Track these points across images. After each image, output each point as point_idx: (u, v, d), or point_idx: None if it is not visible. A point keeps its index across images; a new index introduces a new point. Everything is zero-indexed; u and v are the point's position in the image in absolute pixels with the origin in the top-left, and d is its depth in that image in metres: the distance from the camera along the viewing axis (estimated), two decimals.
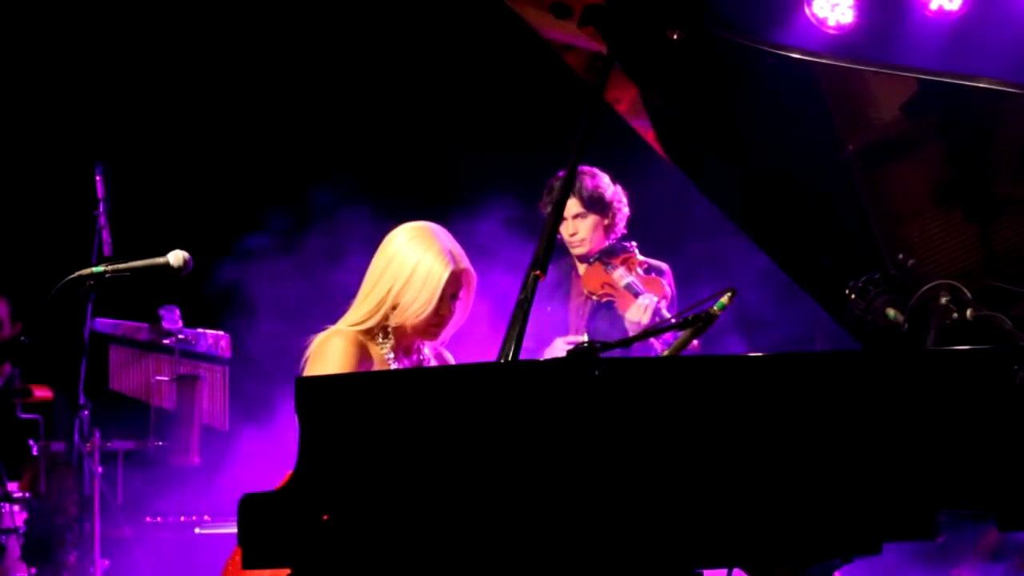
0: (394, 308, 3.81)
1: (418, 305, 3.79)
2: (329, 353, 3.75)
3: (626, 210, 5.62)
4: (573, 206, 5.52)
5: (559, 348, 5.40)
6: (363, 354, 3.79)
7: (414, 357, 3.91)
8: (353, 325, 3.83)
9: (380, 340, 3.84)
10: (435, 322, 3.83)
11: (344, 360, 3.73)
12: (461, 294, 3.84)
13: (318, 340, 3.82)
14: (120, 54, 7.58)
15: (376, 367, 3.79)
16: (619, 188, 5.62)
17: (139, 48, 7.60)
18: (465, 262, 3.85)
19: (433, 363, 3.95)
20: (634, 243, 5.62)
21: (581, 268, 5.64)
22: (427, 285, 3.78)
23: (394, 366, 3.82)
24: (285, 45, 7.68)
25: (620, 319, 5.44)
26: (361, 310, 3.84)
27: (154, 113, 7.61)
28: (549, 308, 5.63)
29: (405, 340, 3.87)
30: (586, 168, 5.55)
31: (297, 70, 7.71)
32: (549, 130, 5.64)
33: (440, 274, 3.78)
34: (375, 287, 3.83)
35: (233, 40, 7.66)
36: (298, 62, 7.70)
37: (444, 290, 3.79)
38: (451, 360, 4.04)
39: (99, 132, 7.31)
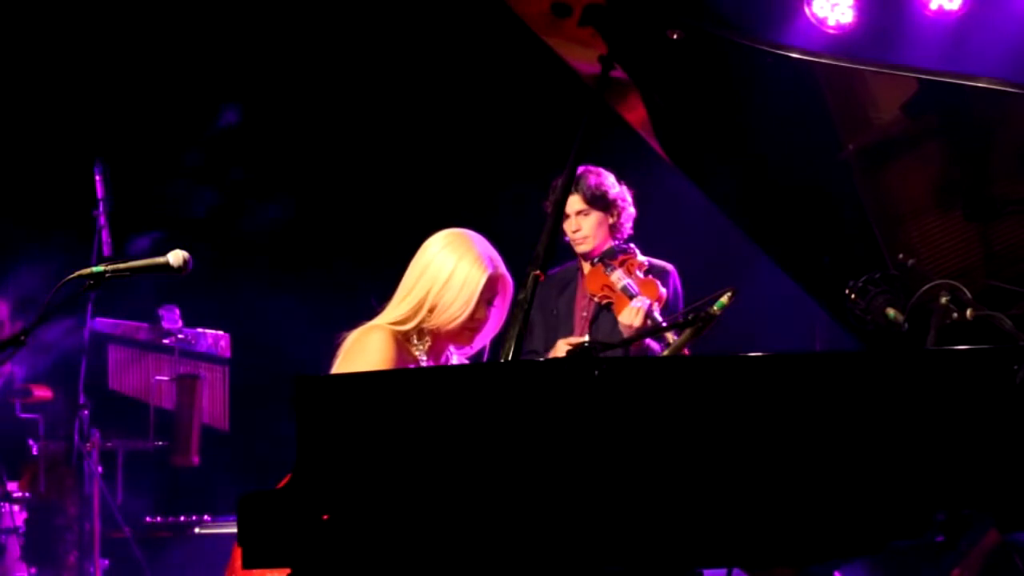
0: (431, 311, 3.81)
1: (455, 308, 3.80)
2: (370, 346, 3.76)
3: (632, 210, 5.60)
4: (576, 202, 5.51)
5: (561, 350, 5.38)
6: (402, 351, 3.80)
7: (443, 362, 3.91)
8: (392, 324, 3.84)
9: (415, 341, 3.85)
10: (470, 327, 3.84)
11: (385, 354, 3.74)
12: (496, 300, 3.85)
13: (356, 334, 3.81)
14: (120, 53, 7.57)
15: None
16: (625, 188, 5.60)
17: (139, 47, 7.60)
18: (502, 268, 3.87)
19: None
20: (633, 244, 5.60)
21: (586, 269, 5.63)
22: (465, 288, 3.80)
23: None
24: (285, 45, 7.68)
25: None
26: (399, 310, 3.84)
27: (154, 112, 7.61)
28: (555, 311, 5.62)
29: (438, 344, 3.88)
30: (591, 167, 5.55)
31: (296, 69, 7.71)
32: (548, 130, 5.63)
33: (479, 278, 3.80)
34: (413, 288, 3.84)
35: (233, 39, 7.66)
36: (298, 61, 7.70)
37: (481, 294, 3.80)
38: None
39: (99, 131, 7.31)
